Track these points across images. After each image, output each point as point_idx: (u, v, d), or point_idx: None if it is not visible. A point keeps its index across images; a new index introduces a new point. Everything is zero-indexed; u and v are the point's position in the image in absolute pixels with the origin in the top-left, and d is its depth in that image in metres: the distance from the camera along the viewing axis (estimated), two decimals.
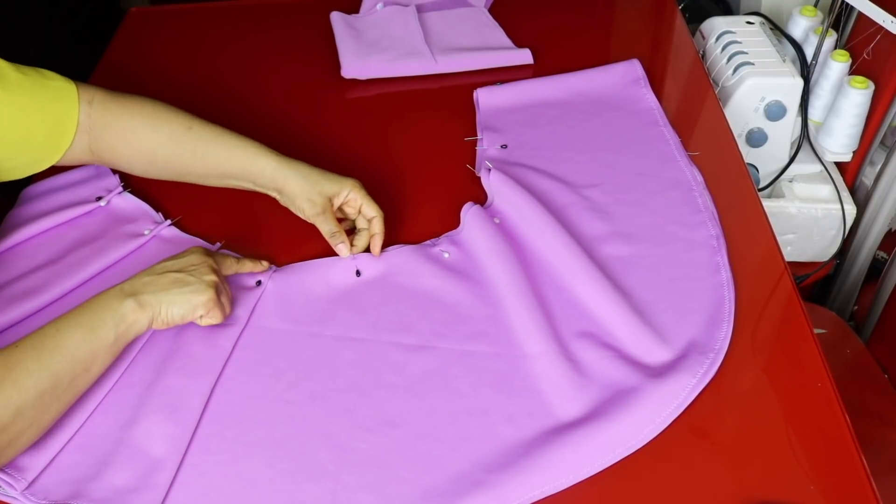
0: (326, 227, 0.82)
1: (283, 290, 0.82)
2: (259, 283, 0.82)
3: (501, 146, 0.98)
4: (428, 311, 0.79)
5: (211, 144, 0.84)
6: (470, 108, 1.05)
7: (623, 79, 1.07)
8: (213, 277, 0.73)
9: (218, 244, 0.86)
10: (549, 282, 0.81)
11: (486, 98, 1.05)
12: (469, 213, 0.87)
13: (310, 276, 0.83)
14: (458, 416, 0.70)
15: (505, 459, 0.67)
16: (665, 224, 0.87)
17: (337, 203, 0.83)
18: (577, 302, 0.79)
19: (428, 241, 0.86)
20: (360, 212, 0.84)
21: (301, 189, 0.82)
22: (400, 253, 0.84)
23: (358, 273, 0.83)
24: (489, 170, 0.91)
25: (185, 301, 0.71)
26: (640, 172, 0.93)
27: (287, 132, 1.02)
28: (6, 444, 0.63)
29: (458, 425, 0.70)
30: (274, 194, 0.84)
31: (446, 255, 0.84)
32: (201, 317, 0.73)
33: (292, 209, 0.84)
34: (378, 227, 0.83)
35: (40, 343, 0.65)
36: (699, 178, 0.92)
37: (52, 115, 0.80)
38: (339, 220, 0.84)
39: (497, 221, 0.87)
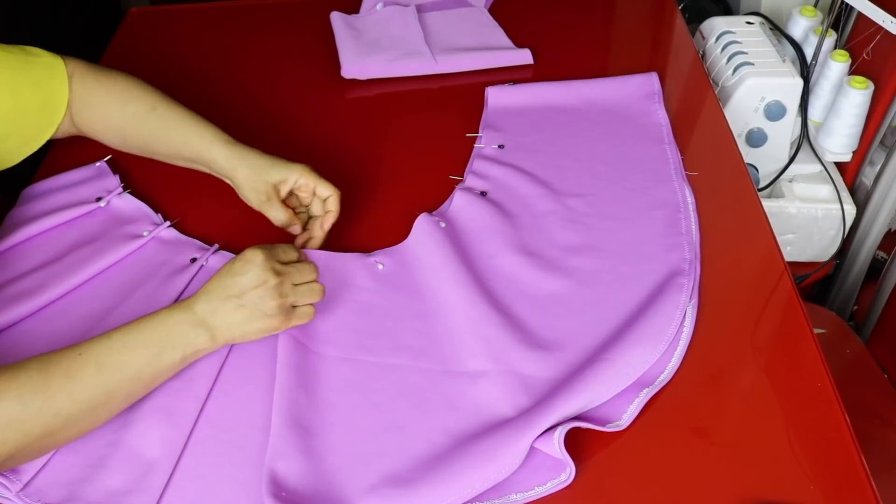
0: (273, 214, 0.82)
1: None
2: (194, 260, 0.82)
3: (499, 146, 0.97)
4: (353, 322, 0.78)
5: (172, 128, 0.84)
6: (470, 109, 1.05)
7: (638, 91, 1.05)
8: (274, 303, 0.69)
9: (216, 245, 0.86)
10: (490, 294, 0.79)
11: (496, 97, 1.04)
12: (417, 223, 0.85)
13: None
14: (376, 431, 0.69)
15: (417, 472, 0.65)
16: (641, 244, 0.85)
17: (284, 190, 0.82)
18: (515, 315, 0.78)
19: (365, 253, 0.84)
20: (314, 194, 0.83)
21: (246, 178, 0.81)
22: (335, 261, 0.82)
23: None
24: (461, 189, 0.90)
25: (256, 331, 0.70)
26: (631, 188, 0.92)
27: (287, 132, 1.02)
28: (51, 445, 0.64)
29: (375, 440, 0.68)
30: (229, 182, 0.84)
31: (381, 267, 0.83)
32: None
33: (243, 199, 0.83)
34: (333, 204, 0.82)
35: (104, 357, 0.64)
36: (690, 199, 0.89)
37: (43, 90, 0.80)
38: (295, 210, 0.84)
39: (443, 226, 0.85)
